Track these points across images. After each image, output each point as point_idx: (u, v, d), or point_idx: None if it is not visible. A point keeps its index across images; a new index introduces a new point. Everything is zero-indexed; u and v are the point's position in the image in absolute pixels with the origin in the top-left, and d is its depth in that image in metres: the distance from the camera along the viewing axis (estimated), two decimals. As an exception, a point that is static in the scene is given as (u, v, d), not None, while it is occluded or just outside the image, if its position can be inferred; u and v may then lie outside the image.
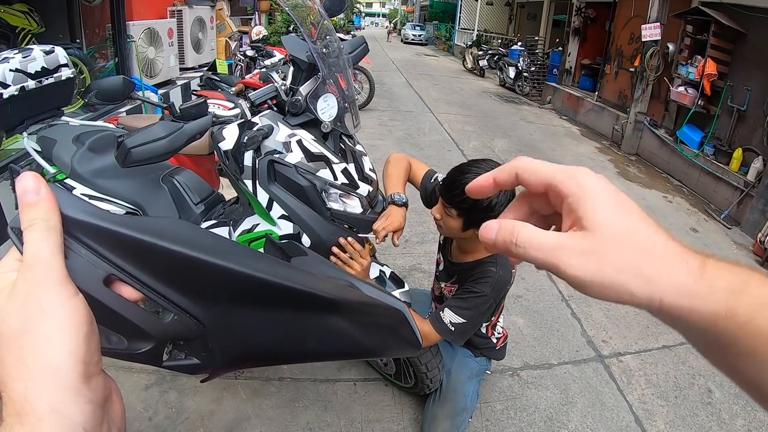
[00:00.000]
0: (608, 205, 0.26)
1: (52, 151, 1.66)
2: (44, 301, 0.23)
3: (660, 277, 0.25)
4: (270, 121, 1.35)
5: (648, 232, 0.26)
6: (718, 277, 0.24)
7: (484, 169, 1.23)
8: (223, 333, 0.28)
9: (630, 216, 0.26)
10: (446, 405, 1.63)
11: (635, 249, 0.25)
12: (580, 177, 0.28)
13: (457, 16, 19.28)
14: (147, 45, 4.09)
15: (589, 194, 0.27)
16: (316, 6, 1.53)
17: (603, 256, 0.25)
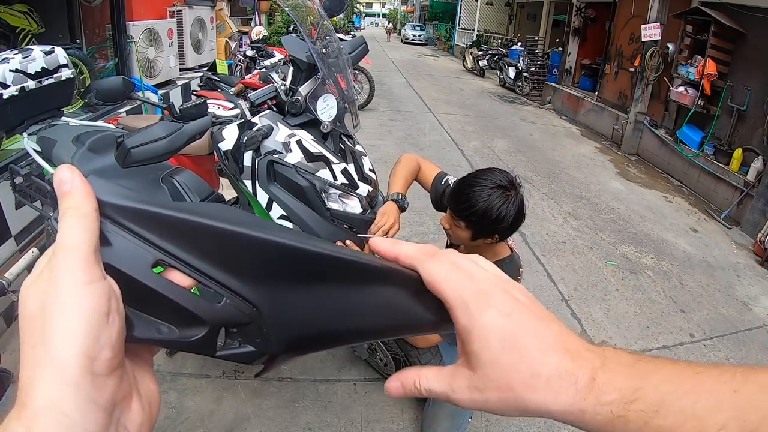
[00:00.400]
0: (495, 341, 0.27)
1: (52, 151, 1.66)
2: (61, 285, 0.22)
3: (546, 403, 0.26)
4: (270, 122, 1.35)
5: (535, 360, 0.27)
6: (607, 391, 0.26)
7: (491, 180, 1.22)
8: (277, 315, 0.27)
9: (520, 344, 0.27)
10: (446, 405, 1.63)
11: (519, 383, 0.27)
12: (473, 310, 0.28)
13: (457, 16, 19.28)
14: (147, 45, 4.09)
15: (476, 330, 0.28)
16: (316, 6, 1.53)
17: (487, 393, 0.28)
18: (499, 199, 1.18)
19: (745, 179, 4.30)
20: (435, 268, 0.30)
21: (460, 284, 0.29)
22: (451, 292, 0.29)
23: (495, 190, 1.19)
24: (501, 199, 1.18)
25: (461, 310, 0.28)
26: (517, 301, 0.29)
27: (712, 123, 4.93)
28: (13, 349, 1.96)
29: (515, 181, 1.24)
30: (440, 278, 0.29)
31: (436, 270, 0.29)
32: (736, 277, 3.32)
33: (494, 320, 0.27)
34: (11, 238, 2.25)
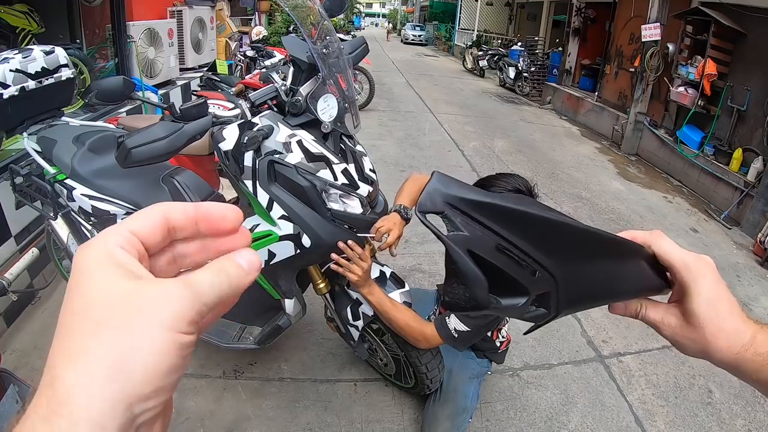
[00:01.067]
0: (705, 301, 0.38)
1: (52, 151, 1.66)
2: (142, 324, 0.21)
3: (721, 349, 0.38)
4: (270, 122, 1.35)
5: (725, 319, 0.38)
6: (762, 345, 0.37)
7: (510, 183, 1.24)
8: (568, 284, 0.34)
9: (718, 306, 0.38)
10: (446, 405, 1.63)
11: (711, 333, 0.38)
12: (695, 273, 0.39)
13: (457, 17, 19.28)
14: (147, 45, 4.09)
15: (696, 290, 0.39)
16: (316, 6, 1.53)
17: (685, 332, 0.40)
18: None
19: (745, 179, 4.30)
20: (665, 242, 0.41)
21: (683, 254, 0.40)
22: (678, 258, 0.40)
23: (512, 193, 1.20)
24: None
25: (686, 271, 0.39)
26: (717, 274, 0.40)
27: (712, 123, 4.93)
28: (13, 349, 1.95)
29: (533, 190, 1.25)
30: (670, 249, 0.40)
31: (666, 243, 0.41)
32: (736, 278, 3.32)
33: (708, 284, 0.39)
34: (11, 238, 2.25)
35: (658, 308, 0.42)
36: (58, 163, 1.65)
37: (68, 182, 1.62)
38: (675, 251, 0.40)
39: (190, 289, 0.22)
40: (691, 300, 0.39)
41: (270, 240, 1.36)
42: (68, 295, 0.22)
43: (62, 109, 1.90)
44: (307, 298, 1.68)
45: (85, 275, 0.22)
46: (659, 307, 0.42)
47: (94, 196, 1.59)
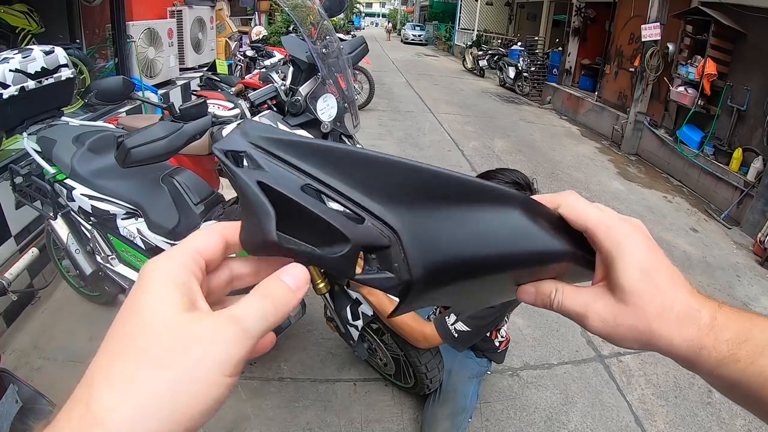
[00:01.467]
0: (637, 269, 0.29)
1: (52, 151, 1.66)
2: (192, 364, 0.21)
3: (671, 336, 0.28)
4: (270, 122, 1.35)
5: (668, 293, 0.29)
6: (724, 329, 0.28)
7: (509, 176, 1.25)
8: (414, 239, 0.28)
9: (656, 277, 0.29)
10: (446, 405, 1.63)
11: (653, 313, 0.29)
12: (617, 235, 0.30)
13: (457, 16, 19.28)
14: (147, 45, 4.09)
15: (621, 257, 0.29)
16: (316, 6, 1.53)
17: (620, 320, 0.30)
18: None
19: (745, 179, 4.30)
20: (576, 201, 0.31)
21: (602, 214, 0.31)
22: (594, 219, 0.30)
23: (511, 186, 1.20)
24: None
25: (606, 234, 0.30)
26: (650, 238, 0.31)
27: (712, 123, 4.93)
28: (13, 349, 1.95)
29: (533, 185, 1.25)
30: (582, 208, 0.31)
31: (577, 201, 0.31)
32: (736, 277, 3.32)
33: (638, 248, 0.29)
34: (11, 238, 2.25)
35: (579, 293, 0.31)
36: (58, 163, 1.65)
37: (68, 182, 1.62)
38: (589, 210, 0.30)
39: (238, 326, 0.22)
40: (618, 271, 0.29)
41: None
42: (124, 312, 0.22)
43: (62, 109, 1.90)
44: (307, 298, 1.68)
45: (145, 295, 0.22)
46: (581, 292, 0.32)
47: (94, 196, 1.59)
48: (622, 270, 0.29)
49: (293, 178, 0.27)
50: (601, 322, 0.30)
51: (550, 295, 0.32)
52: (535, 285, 0.33)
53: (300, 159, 0.27)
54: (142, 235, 1.57)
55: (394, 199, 0.28)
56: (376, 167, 0.28)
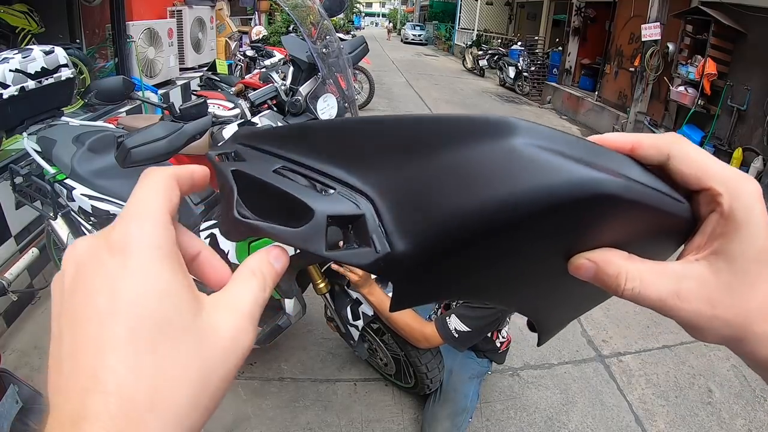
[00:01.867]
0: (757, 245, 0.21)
1: (52, 151, 1.66)
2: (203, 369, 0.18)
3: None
4: (270, 121, 1.35)
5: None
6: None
7: None
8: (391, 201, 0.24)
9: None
10: (446, 405, 1.63)
11: (759, 306, 0.22)
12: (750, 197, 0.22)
13: (457, 16, 19.28)
14: (147, 45, 4.09)
15: (749, 227, 0.21)
16: (316, 6, 1.53)
17: (721, 310, 0.22)
18: None
19: (745, 179, 4.30)
20: (690, 149, 0.23)
21: (726, 168, 0.22)
22: (721, 174, 0.22)
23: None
24: None
25: (735, 194, 0.22)
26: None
27: (712, 123, 4.93)
28: (13, 349, 1.95)
29: None
30: (703, 158, 0.22)
31: (693, 150, 0.23)
32: (736, 277, 3.32)
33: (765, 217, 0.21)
34: (11, 238, 2.25)
35: (663, 272, 0.23)
36: (58, 163, 1.65)
37: (68, 182, 1.62)
38: (711, 162, 0.22)
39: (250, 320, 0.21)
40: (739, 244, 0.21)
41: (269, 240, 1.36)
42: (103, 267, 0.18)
43: (62, 109, 1.90)
44: (307, 298, 1.68)
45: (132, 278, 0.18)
46: (665, 270, 0.23)
47: (94, 196, 1.59)
48: (739, 241, 0.21)
49: (268, 163, 0.27)
50: (694, 308, 0.22)
51: (617, 280, 0.23)
52: (594, 256, 0.23)
53: (275, 145, 0.28)
54: (142, 235, 1.57)
55: (365, 163, 0.25)
56: (341, 133, 0.26)
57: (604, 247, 0.23)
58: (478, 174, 0.21)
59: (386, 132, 0.25)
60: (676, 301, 0.22)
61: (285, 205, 0.25)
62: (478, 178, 0.21)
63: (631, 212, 0.21)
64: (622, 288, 0.23)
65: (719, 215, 0.22)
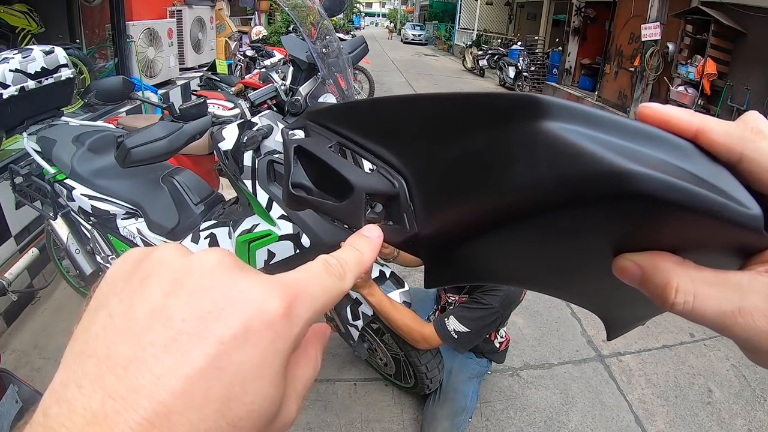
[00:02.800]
0: None
1: (52, 151, 1.66)
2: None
3: None
4: (270, 121, 1.35)
5: None
6: None
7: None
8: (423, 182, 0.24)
9: None
10: (446, 405, 1.63)
11: None
12: None
13: (456, 16, 19.28)
14: (147, 45, 4.09)
15: None
16: (316, 6, 1.53)
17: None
18: None
19: (745, 179, 4.30)
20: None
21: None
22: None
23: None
24: None
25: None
26: None
27: (712, 123, 4.93)
28: (13, 349, 1.95)
29: None
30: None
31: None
32: (736, 277, 3.32)
33: None
34: (11, 238, 2.25)
35: (724, 284, 0.19)
36: (58, 162, 1.65)
37: (68, 182, 1.62)
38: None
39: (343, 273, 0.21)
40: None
41: (269, 240, 1.36)
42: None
43: (62, 109, 1.90)
44: (307, 297, 1.68)
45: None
46: (727, 280, 0.19)
47: (94, 196, 1.59)
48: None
49: (326, 140, 0.29)
50: (759, 331, 0.19)
51: (666, 292, 0.19)
52: (640, 259, 0.20)
53: (335, 122, 0.29)
54: (142, 235, 1.57)
55: (401, 141, 0.26)
56: (384, 111, 0.27)
57: (655, 250, 0.20)
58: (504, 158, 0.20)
59: (421, 111, 0.25)
60: (738, 318, 0.19)
61: (337, 179, 0.27)
62: (505, 163, 0.20)
63: (682, 215, 0.18)
64: (671, 301, 0.19)
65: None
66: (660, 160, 0.18)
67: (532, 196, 0.19)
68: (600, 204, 0.18)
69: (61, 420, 0.15)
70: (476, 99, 0.22)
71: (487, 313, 1.36)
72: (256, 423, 0.16)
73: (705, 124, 0.19)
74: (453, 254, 0.25)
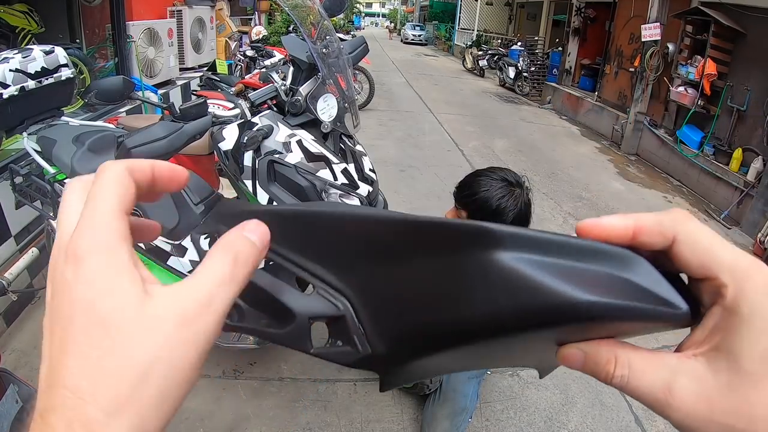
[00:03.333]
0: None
1: (52, 151, 1.66)
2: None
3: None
4: (270, 122, 1.35)
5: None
6: None
7: (498, 174, 1.26)
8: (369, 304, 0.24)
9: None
10: (446, 405, 1.64)
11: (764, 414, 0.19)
12: (758, 290, 0.19)
13: (456, 16, 19.28)
14: (147, 45, 4.09)
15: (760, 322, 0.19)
16: (316, 6, 1.53)
17: (720, 414, 0.20)
18: (501, 191, 1.21)
19: (745, 179, 4.30)
20: (699, 231, 0.21)
21: (737, 251, 0.21)
22: (729, 262, 0.20)
23: (499, 182, 1.23)
24: (502, 191, 1.21)
25: (735, 286, 0.20)
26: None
27: (711, 123, 4.93)
28: (13, 349, 1.95)
29: (523, 182, 1.26)
30: (709, 244, 0.21)
31: (702, 234, 0.21)
32: (736, 277, 3.32)
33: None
34: (11, 238, 2.25)
35: (657, 364, 0.22)
36: (58, 162, 1.65)
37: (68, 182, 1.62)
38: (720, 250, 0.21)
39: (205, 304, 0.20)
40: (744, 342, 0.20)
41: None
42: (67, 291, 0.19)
43: (62, 108, 1.90)
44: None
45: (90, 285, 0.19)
46: (660, 361, 0.22)
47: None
48: (750, 340, 0.19)
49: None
50: (687, 411, 0.20)
51: (607, 367, 0.22)
52: (584, 347, 0.23)
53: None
54: (142, 235, 1.57)
55: (344, 261, 0.24)
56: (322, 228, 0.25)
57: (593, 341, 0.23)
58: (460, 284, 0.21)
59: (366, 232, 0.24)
60: (668, 396, 0.21)
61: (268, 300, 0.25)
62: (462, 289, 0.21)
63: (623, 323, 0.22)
64: (611, 375, 0.22)
65: (722, 308, 0.21)
66: (605, 275, 0.21)
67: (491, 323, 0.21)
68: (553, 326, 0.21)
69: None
70: (429, 226, 0.22)
71: None
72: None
73: (638, 223, 0.22)
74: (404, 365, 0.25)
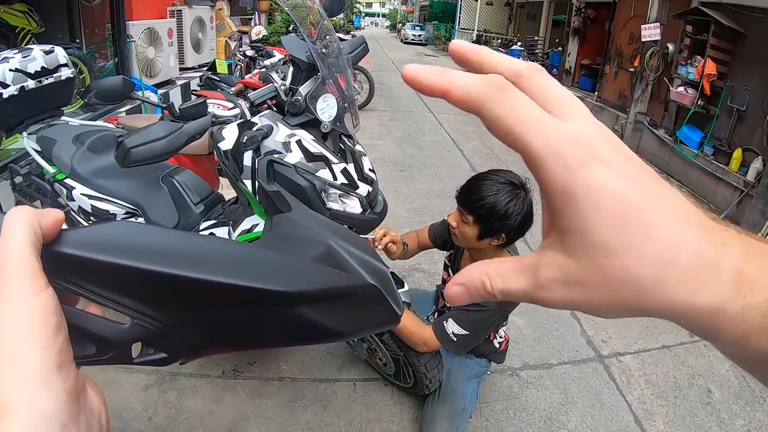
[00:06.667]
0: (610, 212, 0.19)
1: (52, 151, 1.66)
2: (13, 297, 0.22)
3: (676, 302, 0.19)
4: (269, 121, 1.35)
5: (668, 240, 0.19)
6: (757, 288, 0.18)
7: (503, 177, 1.27)
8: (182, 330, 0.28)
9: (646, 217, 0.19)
10: (445, 405, 1.63)
11: (644, 273, 0.19)
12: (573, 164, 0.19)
13: (457, 16, 19.29)
14: (147, 45, 4.09)
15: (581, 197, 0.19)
16: (316, 6, 1.53)
17: (593, 290, 0.20)
18: (508, 195, 1.22)
19: (745, 179, 4.30)
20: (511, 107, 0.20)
21: (550, 129, 0.19)
22: (538, 139, 0.19)
23: (505, 186, 1.23)
24: (510, 195, 1.22)
25: (554, 164, 0.19)
26: (633, 158, 0.20)
27: (711, 123, 4.93)
28: None
29: (526, 184, 1.26)
30: (522, 119, 0.19)
31: (515, 109, 0.20)
32: (736, 277, 3.32)
33: (606, 181, 0.19)
34: (11, 238, 2.24)
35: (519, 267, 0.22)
36: (58, 162, 1.65)
37: (68, 182, 1.62)
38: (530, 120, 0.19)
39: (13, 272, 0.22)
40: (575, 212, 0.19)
41: (259, 233, 1.36)
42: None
43: (62, 108, 1.90)
44: (307, 297, 1.68)
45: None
46: (520, 264, 0.22)
47: (94, 196, 1.59)
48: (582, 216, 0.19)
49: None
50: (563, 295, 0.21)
51: (485, 286, 0.22)
52: (458, 280, 0.23)
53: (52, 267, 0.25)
54: (142, 234, 1.57)
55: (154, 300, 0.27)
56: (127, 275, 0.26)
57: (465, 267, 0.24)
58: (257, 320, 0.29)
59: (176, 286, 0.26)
60: (542, 292, 0.21)
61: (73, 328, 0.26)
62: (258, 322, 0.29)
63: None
64: (491, 291, 0.23)
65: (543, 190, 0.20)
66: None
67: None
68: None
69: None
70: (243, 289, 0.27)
71: (486, 315, 1.36)
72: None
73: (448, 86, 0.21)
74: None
